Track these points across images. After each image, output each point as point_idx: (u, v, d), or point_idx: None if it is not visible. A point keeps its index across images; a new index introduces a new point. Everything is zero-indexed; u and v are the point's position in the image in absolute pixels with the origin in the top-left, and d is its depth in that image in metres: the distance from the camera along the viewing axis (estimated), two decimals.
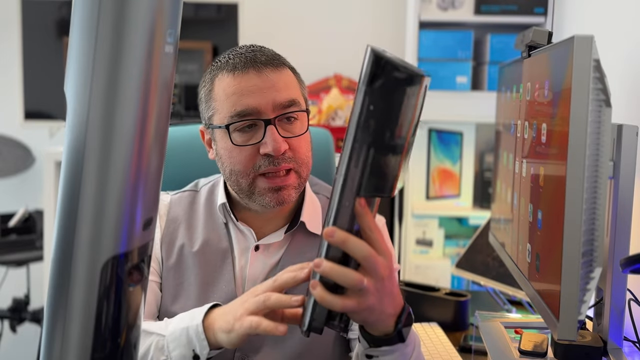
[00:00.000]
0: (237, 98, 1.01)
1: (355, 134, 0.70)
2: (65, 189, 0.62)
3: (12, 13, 2.63)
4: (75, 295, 0.62)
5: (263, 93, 1.01)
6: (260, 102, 1.00)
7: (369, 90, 0.68)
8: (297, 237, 1.11)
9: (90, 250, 0.61)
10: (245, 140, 1.02)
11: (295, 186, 1.04)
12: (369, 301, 0.77)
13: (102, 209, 0.61)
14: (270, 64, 1.03)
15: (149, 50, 0.62)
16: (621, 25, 1.55)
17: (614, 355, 1.00)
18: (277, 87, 1.02)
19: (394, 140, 0.69)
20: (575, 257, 0.82)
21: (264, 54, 1.05)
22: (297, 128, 1.04)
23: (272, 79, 1.02)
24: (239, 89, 1.01)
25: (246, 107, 1.01)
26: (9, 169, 2.80)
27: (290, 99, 1.03)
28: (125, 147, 0.62)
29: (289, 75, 1.06)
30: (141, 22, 0.61)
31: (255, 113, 1.01)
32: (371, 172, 0.71)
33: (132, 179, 0.63)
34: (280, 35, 2.82)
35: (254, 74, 1.01)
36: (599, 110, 0.82)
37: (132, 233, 0.64)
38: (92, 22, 0.60)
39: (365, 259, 0.75)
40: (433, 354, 1.37)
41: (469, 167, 2.60)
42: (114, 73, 0.60)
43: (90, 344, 0.63)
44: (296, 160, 1.03)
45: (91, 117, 0.61)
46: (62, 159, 0.63)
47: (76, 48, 0.61)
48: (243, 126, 1.02)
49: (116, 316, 0.65)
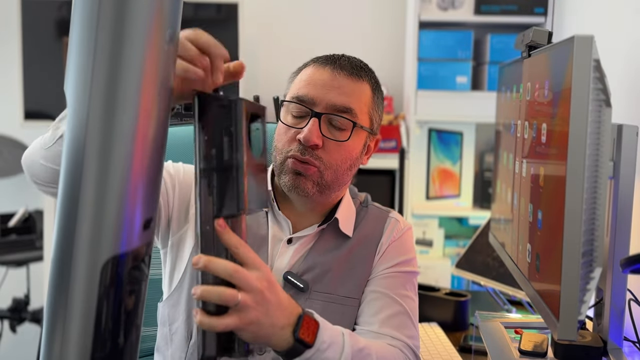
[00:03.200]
0: (304, 85, 1.07)
1: (199, 164, 0.77)
2: (65, 189, 0.62)
3: (12, 13, 2.63)
4: (75, 295, 0.62)
5: (325, 89, 1.05)
6: (317, 95, 1.05)
7: (200, 124, 0.77)
8: (327, 234, 1.12)
9: (90, 250, 0.61)
10: (293, 123, 1.06)
11: (315, 181, 1.05)
12: (250, 315, 0.78)
13: (102, 209, 0.61)
14: (348, 70, 1.07)
15: (149, 50, 0.62)
16: (621, 25, 1.55)
17: (614, 355, 1.00)
18: (342, 91, 1.05)
19: (232, 160, 0.76)
20: (575, 257, 0.82)
21: (349, 60, 1.09)
22: (341, 136, 1.06)
23: (342, 82, 1.06)
24: (309, 78, 1.07)
25: (305, 94, 1.05)
26: (9, 169, 2.80)
27: (347, 106, 1.05)
28: (125, 147, 0.62)
29: (362, 89, 1.08)
30: (141, 22, 0.61)
31: (309, 102, 1.05)
32: (220, 194, 0.77)
33: (132, 179, 0.63)
34: (280, 36, 2.82)
35: (329, 72, 1.06)
36: (599, 110, 0.82)
37: (132, 233, 0.64)
38: (92, 22, 0.60)
39: (232, 276, 0.76)
40: (433, 354, 1.37)
41: (469, 167, 2.60)
42: (114, 73, 0.60)
43: (90, 344, 0.63)
44: (324, 162, 1.04)
45: (91, 117, 0.61)
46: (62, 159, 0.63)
47: (76, 48, 0.61)
48: (295, 110, 1.06)
49: (116, 316, 0.65)
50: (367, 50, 2.82)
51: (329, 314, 0.99)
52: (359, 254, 1.11)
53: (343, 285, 1.09)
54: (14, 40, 2.63)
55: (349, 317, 1.09)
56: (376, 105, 1.12)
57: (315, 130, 1.03)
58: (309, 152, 1.03)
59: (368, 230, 1.14)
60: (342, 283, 1.09)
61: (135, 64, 0.61)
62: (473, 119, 2.49)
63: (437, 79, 2.44)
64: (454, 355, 1.36)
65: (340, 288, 1.09)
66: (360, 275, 1.11)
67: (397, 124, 2.57)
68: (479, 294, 1.87)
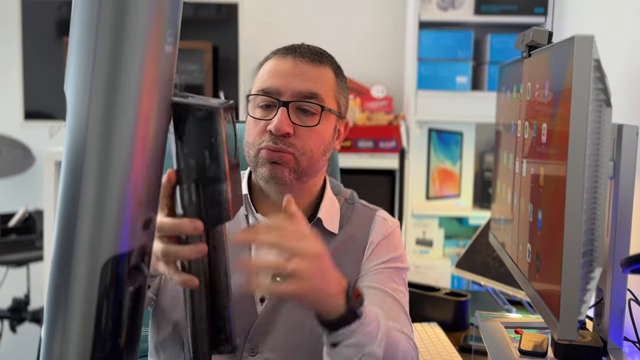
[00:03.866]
0: (268, 77, 1.08)
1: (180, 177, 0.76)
2: (65, 189, 0.62)
3: (12, 13, 2.63)
4: (75, 295, 0.62)
5: (289, 78, 1.06)
6: (282, 85, 1.06)
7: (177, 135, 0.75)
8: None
9: (90, 250, 0.61)
10: (261, 116, 1.08)
11: (291, 167, 1.05)
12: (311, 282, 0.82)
13: (102, 209, 0.61)
14: (309, 57, 1.08)
15: (149, 50, 0.62)
16: (621, 25, 1.55)
17: (614, 355, 1.00)
18: (305, 78, 1.07)
19: (213, 170, 0.75)
20: (575, 257, 0.82)
21: (309, 47, 1.11)
22: (311, 121, 1.07)
23: (304, 68, 1.07)
24: (272, 70, 1.08)
25: (269, 85, 1.07)
26: (9, 169, 2.80)
27: (312, 91, 1.07)
28: (125, 147, 0.62)
29: (325, 73, 1.10)
30: (141, 22, 0.61)
31: (275, 93, 1.06)
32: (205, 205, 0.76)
33: (132, 179, 0.63)
34: (280, 35, 2.82)
35: (291, 61, 1.08)
36: (599, 110, 0.82)
37: (132, 233, 0.64)
38: (92, 22, 0.60)
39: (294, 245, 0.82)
40: (433, 354, 1.37)
41: (469, 167, 2.60)
42: (114, 73, 0.60)
43: (90, 344, 0.63)
44: (298, 149, 1.05)
45: (91, 117, 0.60)
46: (62, 159, 0.63)
47: (76, 48, 0.61)
48: (263, 102, 1.07)
49: (116, 316, 0.65)
50: (367, 50, 2.82)
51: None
52: (346, 252, 1.11)
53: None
54: (14, 40, 2.63)
55: None
56: (341, 88, 1.13)
57: (285, 119, 1.04)
58: (282, 141, 1.04)
59: (355, 229, 1.14)
60: None
61: (135, 64, 0.61)
62: (473, 119, 2.48)
63: (437, 79, 2.43)
64: (454, 355, 1.36)
65: None
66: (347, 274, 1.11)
67: (397, 124, 2.57)
68: (479, 294, 1.87)
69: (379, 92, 2.71)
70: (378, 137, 2.52)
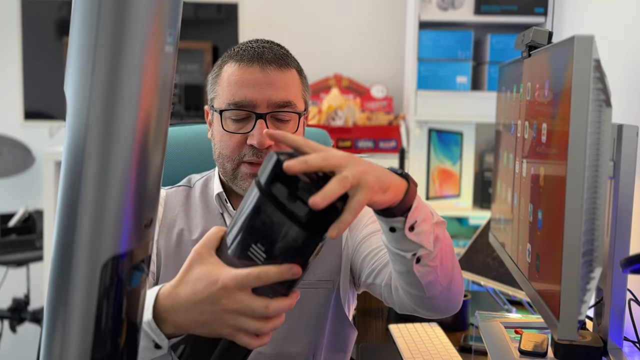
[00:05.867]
0: (237, 88, 1.06)
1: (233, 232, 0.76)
2: (65, 189, 0.62)
3: (12, 13, 2.63)
4: (75, 295, 0.62)
5: (261, 88, 1.06)
6: (256, 97, 1.05)
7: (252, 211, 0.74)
8: None
9: (90, 250, 0.61)
10: (237, 129, 1.07)
11: None
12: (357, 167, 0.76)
13: (102, 209, 0.61)
14: (275, 63, 1.07)
15: (149, 50, 0.62)
16: (621, 25, 1.55)
17: (614, 355, 1.00)
18: (277, 86, 1.06)
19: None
20: (575, 257, 0.82)
21: (272, 51, 1.09)
22: (289, 128, 1.08)
23: (274, 77, 1.06)
24: (240, 80, 1.06)
25: (243, 98, 1.06)
26: (9, 169, 2.80)
27: (287, 100, 1.07)
28: (125, 147, 0.62)
29: (292, 77, 1.10)
30: (141, 22, 0.61)
31: (249, 105, 1.06)
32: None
33: (132, 179, 0.63)
34: (280, 35, 2.81)
35: (258, 69, 1.06)
36: (599, 110, 0.82)
37: (132, 233, 0.64)
38: (92, 22, 0.60)
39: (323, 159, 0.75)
40: (433, 354, 1.37)
41: (469, 167, 2.60)
42: (114, 73, 0.60)
43: (90, 344, 0.62)
44: None
45: (91, 117, 0.60)
46: (62, 159, 0.63)
47: (76, 48, 0.61)
48: (236, 116, 1.07)
49: (116, 316, 0.65)
50: (367, 50, 2.82)
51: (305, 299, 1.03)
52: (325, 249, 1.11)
53: (314, 272, 1.11)
54: (14, 40, 2.63)
55: (324, 299, 1.12)
56: (305, 86, 1.14)
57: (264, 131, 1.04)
58: (264, 152, 1.05)
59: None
60: (312, 270, 1.10)
61: (136, 64, 0.61)
62: (473, 119, 2.49)
63: (437, 79, 2.43)
64: (454, 355, 1.36)
65: (311, 275, 1.10)
66: (330, 261, 1.13)
67: (397, 124, 2.57)
68: (479, 294, 1.87)
69: (379, 92, 2.71)
70: (378, 137, 2.53)
